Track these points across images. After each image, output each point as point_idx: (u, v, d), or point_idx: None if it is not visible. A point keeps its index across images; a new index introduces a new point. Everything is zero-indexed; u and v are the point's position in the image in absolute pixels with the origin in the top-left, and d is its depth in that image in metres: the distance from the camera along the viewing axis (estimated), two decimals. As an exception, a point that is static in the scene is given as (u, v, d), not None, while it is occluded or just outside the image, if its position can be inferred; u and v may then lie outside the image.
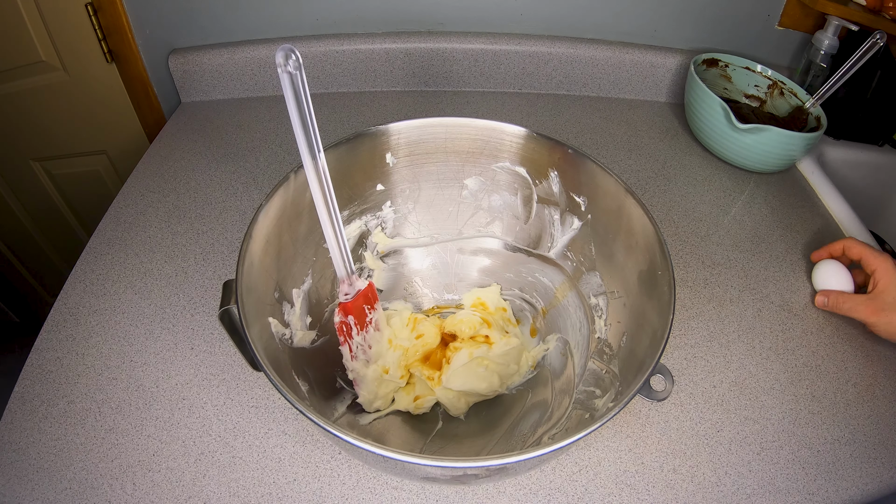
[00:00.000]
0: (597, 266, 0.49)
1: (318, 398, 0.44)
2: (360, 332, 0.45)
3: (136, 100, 0.83)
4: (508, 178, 0.52)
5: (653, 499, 0.44)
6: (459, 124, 0.50)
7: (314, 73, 0.83)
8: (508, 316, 0.54)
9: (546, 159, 0.49)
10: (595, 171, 0.47)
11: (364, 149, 0.48)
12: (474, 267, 0.56)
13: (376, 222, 0.53)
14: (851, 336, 0.57)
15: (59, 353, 0.52)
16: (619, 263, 0.47)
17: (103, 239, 0.62)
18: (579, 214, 0.49)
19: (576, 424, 0.42)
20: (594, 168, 0.47)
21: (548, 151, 0.49)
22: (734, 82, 0.82)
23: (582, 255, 0.50)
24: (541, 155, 0.49)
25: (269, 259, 0.42)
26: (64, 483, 0.43)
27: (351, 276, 0.43)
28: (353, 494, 0.44)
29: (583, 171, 0.48)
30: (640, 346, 0.40)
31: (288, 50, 0.30)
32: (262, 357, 0.34)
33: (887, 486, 0.47)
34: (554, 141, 0.48)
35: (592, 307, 0.48)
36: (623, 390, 0.38)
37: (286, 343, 0.43)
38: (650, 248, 0.42)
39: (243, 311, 0.36)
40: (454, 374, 0.47)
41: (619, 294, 0.46)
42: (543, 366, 0.51)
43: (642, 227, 0.43)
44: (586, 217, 0.49)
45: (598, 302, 0.48)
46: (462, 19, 0.82)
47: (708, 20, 0.84)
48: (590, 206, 0.48)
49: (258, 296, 0.40)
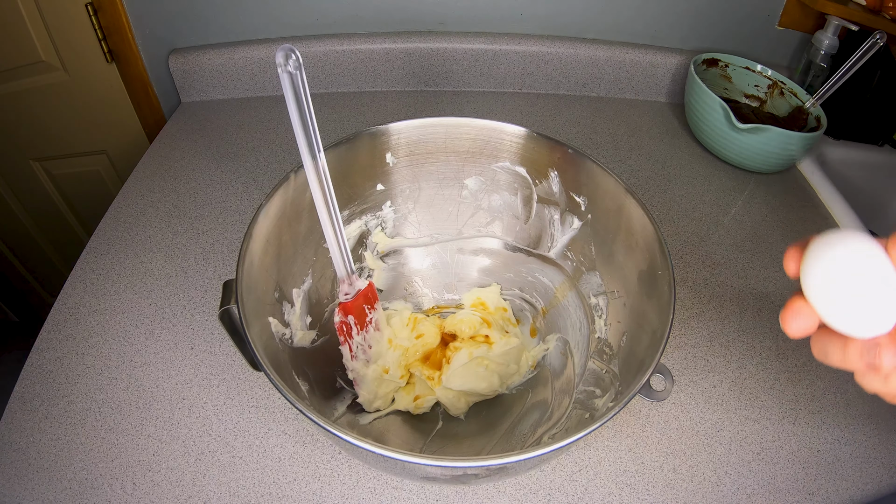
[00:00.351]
0: (597, 266, 0.49)
1: (318, 398, 0.44)
2: (360, 332, 0.45)
3: (136, 100, 0.83)
4: (508, 178, 0.52)
5: (653, 499, 0.44)
6: (459, 124, 0.50)
7: (314, 73, 0.83)
8: (508, 316, 0.54)
9: (546, 159, 0.49)
10: (595, 170, 0.47)
11: (364, 149, 0.48)
12: (474, 267, 0.56)
13: (376, 222, 0.53)
14: (851, 336, 0.57)
15: (59, 353, 0.52)
16: (618, 263, 0.47)
17: (103, 239, 0.62)
18: (579, 214, 0.49)
19: (576, 424, 0.42)
20: (594, 168, 0.47)
21: (548, 151, 0.49)
22: (734, 82, 0.82)
23: (582, 255, 0.50)
24: (541, 155, 0.49)
25: (269, 259, 0.42)
26: (64, 483, 0.43)
27: (351, 275, 0.43)
28: (352, 494, 0.44)
29: (583, 171, 0.48)
30: (639, 346, 0.40)
31: (288, 50, 0.31)
32: (263, 357, 0.34)
33: (887, 486, 0.47)
34: (554, 141, 0.48)
35: (592, 307, 0.48)
36: (623, 390, 0.38)
37: (286, 343, 0.43)
38: (650, 247, 0.42)
39: (243, 311, 0.36)
40: (454, 373, 0.47)
41: (619, 294, 0.46)
42: (543, 366, 0.51)
43: (642, 227, 0.43)
44: (586, 217, 0.49)
45: (598, 302, 0.48)
46: (462, 19, 0.82)
47: (708, 20, 0.84)
48: (590, 205, 0.48)
49: (258, 295, 0.40)
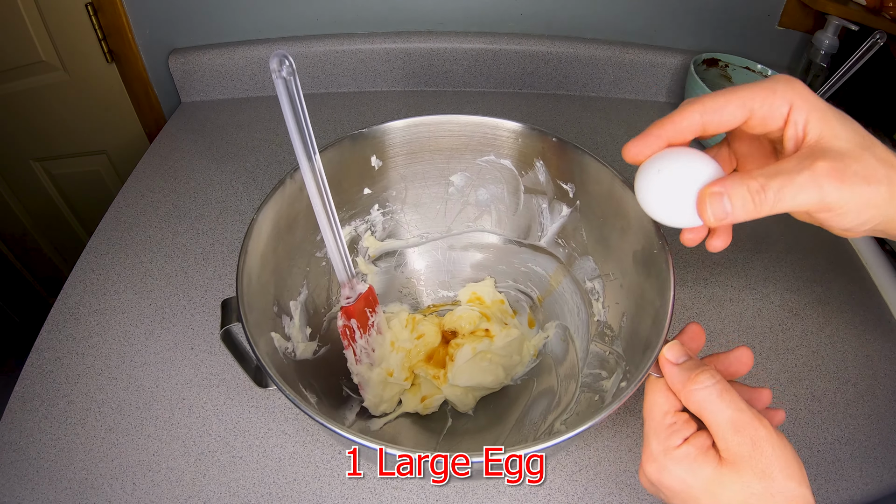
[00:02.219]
0: (589, 250, 0.48)
1: (328, 408, 0.43)
2: (363, 336, 0.45)
3: (136, 100, 0.83)
4: (494, 172, 0.52)
5: (653, 499, 0.44)
6: (442, 122, 0.49)
7: (314, 73, 0.83)
8: (505, 308, 0.54)
9: (530, 150, 0.49)
10: (581, 157, 0.46)
11: (348, 153, 0.48)
12: (467, 262, 0.56)
13: (366, 227, 0.52)
14: (851, 336, 0.57)
15: (59, 353, 0.52)
16: (612, 246, 0.46)
17: (103, 239, 0.62)
18: (568, 201, 0.49)
19: (586, 407, 0.42)
20: (580, 155, 0.46)
21: (531, 142, 0.48)
22: (734, 82, 0.82)
23: (574, 241, 0.50)
24: (525, 146, 0.49)
25: (266, 273, 0.41)
26: (64, 483, 0.43)
27: (352, 279, 0.43)
28: (353, 494, 0.44)
29: (568, 159, 0.47)
30: (642, 326, 0.39)
31: (282, 56, 0.31)
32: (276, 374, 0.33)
33: (887, 486, 0.47)
34: (538, 131, 0.47)
35: (588, 291, 0.48)
36: (631, 370, 0.38)
37: (290, 357, 0.42)
38: (644, 228, 0.41)
39: (249, 329, 0.35)
40: (460, 370, 0.47)
41: (615, 276, 0.46)
42: (545, 353, 0.51)
43: (634, 209, 0.42)
44: (575, 203, 0.48)
45: (594, 285, 0.48)
46: (462, 19, 0.82)
47: (708, 20, 0.84)
48: (578, 192, 0.48)
49: (259, 311, 0.39)
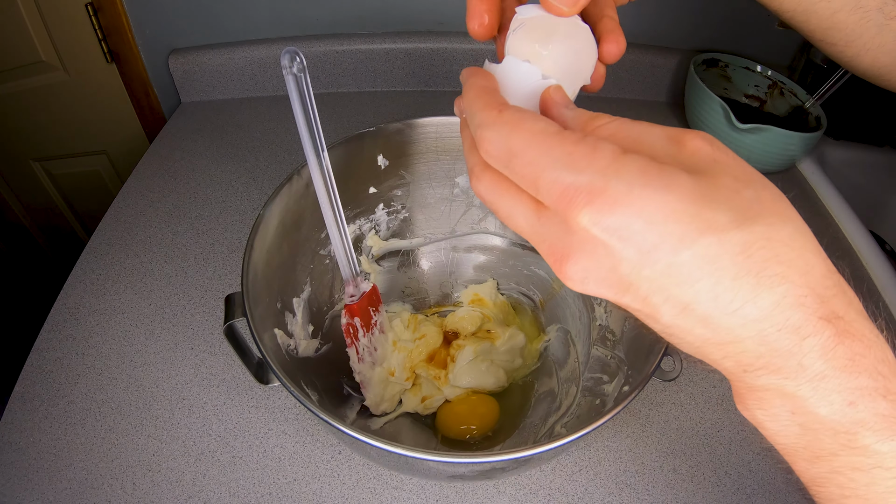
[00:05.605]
0: None
1: (329, 406, 0.44)
2: (365, 335, 0.45)
3: (136, 100, 0.83)
4: None
5: (653, 499, 0.44)
6: (449, 123, 0.49)
7: (314, 74, 0.83)
8: (507, 310, 0.54)
9: None
10: None
11: (355, 152, 0.48)
12: (470, 264, 0.56)
13: (370, 226, 0.52)
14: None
15: (59, 353, 0.52)
16: None
17: (103, 239, 0.62)
18: None
19: (586, 411, 0.42)
20: None
21: None
22: (734, 82, 0.82)
23: None
24: None
25: (271, 269, 0.41)
26: (64, 483, 0.43)
27: (356, 277, 0.43)
28: (353, 494, 0.44)
29: None
30: (645, 331, 0.39)
31: (293, 52, 0.31)
32: (280, 370, 0.33)
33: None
34: None
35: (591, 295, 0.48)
36: (633, 374, 0.38)
37: (292, 354, 0.43)
38: None
39: (254, 325, 0.35)
40: (461, 371, 0.47)
41: None
42: (546, 356, 0.51)
43: None
44: None
45: None
46: (462, 19, 0.82)
47: (708, 20, 0.84)
48: None
49: (263, 307, 0.39)
